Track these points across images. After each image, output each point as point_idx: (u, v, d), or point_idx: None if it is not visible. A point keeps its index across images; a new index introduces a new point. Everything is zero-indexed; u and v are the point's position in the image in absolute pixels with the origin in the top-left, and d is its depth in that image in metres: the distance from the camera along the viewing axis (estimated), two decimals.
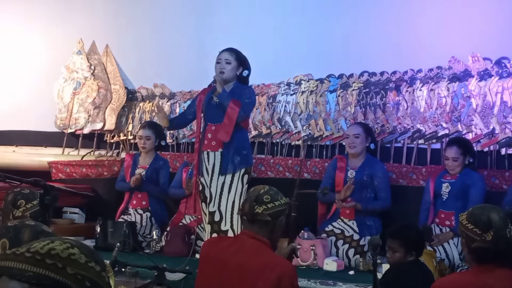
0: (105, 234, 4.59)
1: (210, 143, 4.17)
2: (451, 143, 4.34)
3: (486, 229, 2.06)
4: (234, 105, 4.04)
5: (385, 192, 4.45)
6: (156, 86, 6.13)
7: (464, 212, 2.19)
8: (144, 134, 5.01)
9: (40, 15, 6.60)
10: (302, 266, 4.02)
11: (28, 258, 1.09)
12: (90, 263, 1.13)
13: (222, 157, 4.13)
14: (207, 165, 4.16)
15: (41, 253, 1.10)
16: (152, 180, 4.97)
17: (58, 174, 5.72)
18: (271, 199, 2.47)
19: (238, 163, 4.11)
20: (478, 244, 2.08)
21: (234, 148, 4.11)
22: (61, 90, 6.26)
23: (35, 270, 1.08)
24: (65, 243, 1.13)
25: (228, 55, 4.18)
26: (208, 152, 4.17)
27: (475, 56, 4.87)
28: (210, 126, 4.18)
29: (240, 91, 4.16)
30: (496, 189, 4.44)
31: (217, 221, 4.08)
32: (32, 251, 1.10)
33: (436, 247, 4.09)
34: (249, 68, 4.25)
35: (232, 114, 4.03)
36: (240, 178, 4.13)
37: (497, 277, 2.06)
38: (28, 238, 1.57)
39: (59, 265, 1.09)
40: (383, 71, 5.21)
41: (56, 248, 1.11)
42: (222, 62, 4.15)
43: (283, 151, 5.40)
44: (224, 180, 4.11)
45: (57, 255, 1.10)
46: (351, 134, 4.53)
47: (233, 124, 4.04)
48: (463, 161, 4.24)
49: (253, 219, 2.46)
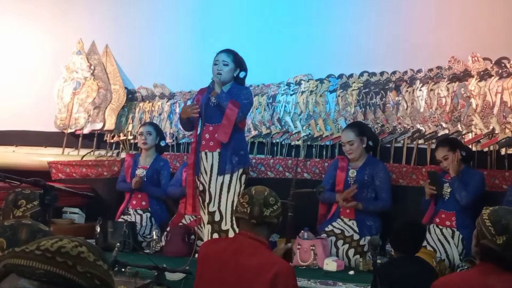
0: (105, 234, 4.59)
1: (208, 144, 4.18)
2: (436, 146, 4.36)
3: (500, 233, 2.06)
4: (233, 106, 4.04)
5: (386, 193, 4.45)
6: (156, 86, 6.13)
7: (490, 207, 2.18)
8: (145, 130, 5.04)
9: (40, 15, 6.60)
10: (302, 266, 4.02)
11: (38, 256, 1.08)
12: (99, 261, 1.13)
13: (220, 157, 4.13)
14: (205, 166, 4.17)
15: (52, 251, 1.09)
16: (152, 181, 4.98)
17: (58, 174, 5.72)
18: (276, 201, 2.52)
19: (236, 163, 4.12)
20: (487, 243, 2.07)
21: (232, 148, 4.12)
22: (61, 90, 6.27)
23: (45, 268, 1.07)
24: (73, 241, 1.13)
25: (226, 56, 4.19)
26: (206, 153, 4.18)
27: (475, 56, 4.87)
28: (208, 126, 4.19)
29: (238, 91, 4.17)
30: (496, 189, 4.43)
31: (217, 221, 4.09)
32: (42, 248, 1.09)
33: (436, 247, 4.09)
34: (246, 70, 4.27)
35: (231, 115, 4.04)
36: (238, 178, 4.14)
37: (498, 278, 2.06)
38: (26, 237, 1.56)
39: (69, 263, 1.08)
40: (383, 71, 5.21)
41: (66, 246, 1.10)
42: (219, 64, 4.16)
43: (283, 151, 5.40)
44: (222, 180, 4.12)
45: (67, 253, 1.09)
46: (345, 142, 4.53)
47: (232, 124, 4.05)
48: (456, 157, 4.22)
49: (262, 222, 2.49)
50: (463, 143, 4.48)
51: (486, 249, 2.08)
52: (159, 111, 6.03)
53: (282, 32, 5.64)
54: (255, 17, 5.77)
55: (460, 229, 4.14)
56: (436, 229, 4.23)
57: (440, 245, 4.12)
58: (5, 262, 1.10)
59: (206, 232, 4.15)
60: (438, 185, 4.24)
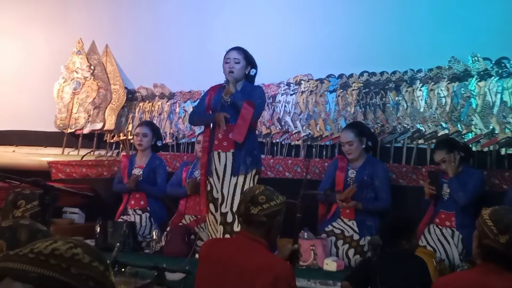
0: (105, 234, 4.58)
1: (221, 144, 4.09)
2: (434, 148, 4.36)
3: (503, 232, 2.05)
4: (248, 106, 3.97)
5: (386, 193, 4.45)
6: (156, 86, 6.13)
7: (488, 207, 2.17)
8: (141, 131, 5.02)
9: (40, 15, 6.60)
10: (302, 266, 4.01)
11: (31, 259, 1.08)
12: (94, 262, 1.12)
13: (234, 157, 4.05)
14: (218, 166, 4.09)
15: (45, 254, 1.09)
16: (149, 180, 4.97)
17: (58, 174, 5.72)
18: (267, 199, 2.45)
19: (250, 163, 4.04)
20: (489, 242, 2.07)
21: (245, 148, 4.04)
22: (61, 90, 6.27)
23: (39, 271, 1.07)
24: (68, 243, 1.12)
25: (237, 54, 4.12)
26: (219, 153, 4.09)
27: (475, 56, 4.87)
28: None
29: (251, 91, 4.11)
30: (496, 189, 4.43)
31: (229, 222, 3.98)
32: (35, 251, 1.09)
33: (436, 247, 4.09)
34: (256, 67, 4.20)
35: (247, 115, 3.96)
36: (252, 179, 4.05)
37: (499, 278, 2.05)
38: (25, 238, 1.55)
39: (63, 266, 1.08)
40: (383, 71, 5.21)
41: (60, 248, 1.10)
42: (231, 62, 4.08)
43: (283, 151, 5.40)
44: (236, 181, 4.03)
45: (61, 256, 1.09)
46: (344, 142, 4.53)
47: (247, 124, 3.97)
48: (454, 159, 4.22)
49: (248, 220, 2.45)
50: (460, 143, 4.47)
51: (489, 249, 2.07)
52: (159, 111, 6.03)
53: (282, 32, 5.64)
54: (255, 17, 5.77)
55: (460, 229, 4.13)
56: (436, 229, 4.23)
57: (440, 245, 4.11)
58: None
59: (218, 233, 4.07)
60: (438, 185, 4.24)
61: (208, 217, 4.17)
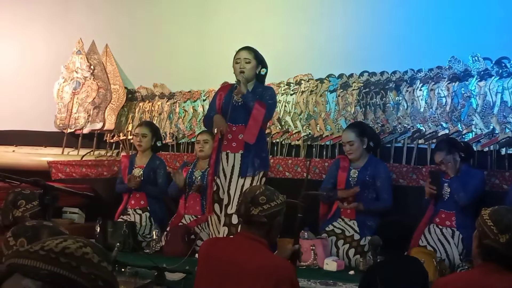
0: (105, 234, 4.58)
1: (230, 144, 4.06)
2: (434, 149, 4.36)
3: (503, 231, 2.05)
4: (260, 107, 3.94)
5: (387, 193, 4.44)
6: (156, 86, 6.13)
7: (488, 207, 2.17)
8: (141, 132, 5.01)
9: (40, 15, 6.60)
10: (302, 266, 4.01)
11: (42, 256, 1.08)
12: (103, 262, 1.12)
13: (242, 159, 4.03)
14: (225, 167, 4.07)
15: (56, 251, 1.09)
16: (149, 180, 4.97)
17: (58, 174, 5.72)
18: (267, 200, 2.43)
19: (258, 165, 4.02)
20: (490, 242, 2.07)
21: (254, 150, 4.01)
22: (60, 90, 6.27)
23: (49, 268, 1.07)
24: (78, 242, 1.12)
25: (247, 53, 4.08)
26: (228, 153, 4.07)
27: (475, 56, 4.87)
28: (231, 126, 4.05)
29: (262, 91, 4.08)
30: (496, 189, 4.43)
31: (235, 224, 3.93)
32: (46, 249, 1.09)
33: (436, 247, 4.08)
34: (266, 66, 4.16)
35: (258, 116, 3.93)
36: (259, 181, 4.03)
37: (499, 278, 2.05)
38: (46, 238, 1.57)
39: (73, 264, 1.08)
40: (383, 71, 5.21)
41: (70, 247, 1.10)
42: (241, 62, 4.04)
43: (283, 151, 5.40)
44: (243, 183, 4.00)
45: (71, 254, 1.09)
46: (345, 142, 4.52)
47: (259, 126, 3.95)
48: (454, 160, 4.22)
49: (249, 220, 2.44)
50: (461, 143, 4.47)
51: (489, 249, 2.07)
52: (159, 111, 6.03)
53: (282, 32, 5.64)
54: (254, 16, 5.77)
55: (460, 229, 4.13)
56: (436, 229, 4.23)
57: (440, 245, 4.11)
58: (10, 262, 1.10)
59: (219, 234, 4.05)
60: (438, 184, 4.24)
61: (211, 217, 4.17)
